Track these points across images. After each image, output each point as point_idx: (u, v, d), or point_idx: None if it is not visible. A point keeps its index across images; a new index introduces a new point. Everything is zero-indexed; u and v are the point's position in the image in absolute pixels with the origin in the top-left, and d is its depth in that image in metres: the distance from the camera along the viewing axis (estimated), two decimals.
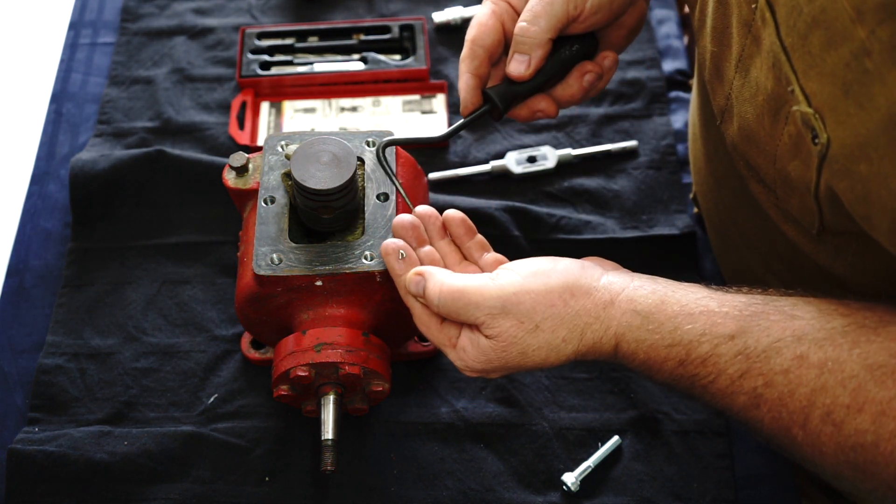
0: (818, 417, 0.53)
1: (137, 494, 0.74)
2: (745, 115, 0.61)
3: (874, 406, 0.51)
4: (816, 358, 0.53)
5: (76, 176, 0.89)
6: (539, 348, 0.62)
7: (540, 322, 0.61)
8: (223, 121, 0.97)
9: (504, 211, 0.88)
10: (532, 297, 0.61)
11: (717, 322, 0.58)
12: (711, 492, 0.74)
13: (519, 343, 0.62)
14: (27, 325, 0.85)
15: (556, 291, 0.62)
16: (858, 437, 0.52)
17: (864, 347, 0.52)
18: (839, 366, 0.53)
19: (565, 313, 0.61)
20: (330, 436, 0.70)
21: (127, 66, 1.03)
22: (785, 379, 0.54)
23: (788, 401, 0.54)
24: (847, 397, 0.52)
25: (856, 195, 0.52)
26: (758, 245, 0.74)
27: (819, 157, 0.53)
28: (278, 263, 0.67)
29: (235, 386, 0.80)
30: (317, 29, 1.03)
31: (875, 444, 0.51)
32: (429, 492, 0.75)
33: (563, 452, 0.76)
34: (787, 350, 0.55)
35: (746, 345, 0.56)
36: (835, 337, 0.54)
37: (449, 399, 0.79)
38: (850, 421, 0.52)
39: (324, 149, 0.68)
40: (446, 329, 0.65)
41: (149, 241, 0.89)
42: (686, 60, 1.04)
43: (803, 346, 0.54)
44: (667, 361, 0.59)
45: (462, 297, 0.61)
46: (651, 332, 0.60)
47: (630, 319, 0.61)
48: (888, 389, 0.51)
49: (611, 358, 0.63)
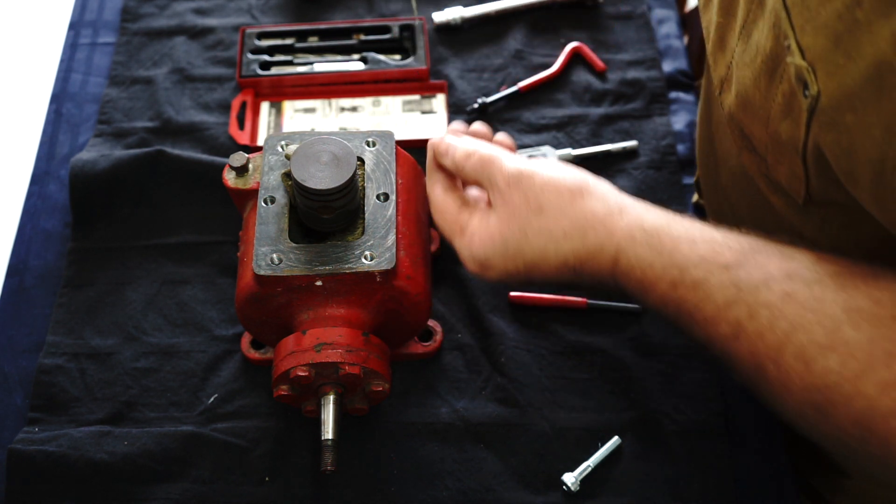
0: (791, 354, 0.54)
1: (137, 494, 0.74)
2: (744, 80, 0.63)
3: (844, 347, 0.52)
4: (802, 296, 0.54)
5: (76, 176, 0.89)
6: (539, 233, 0.63)
7: (545, 205, 0.63)
8: (223, 121, 0.98)
9: None
10: (543, 181, 0.64)
11: (717, 251, 0.59)
12: (711, 492, 0.74)
13: (521, 218, 0.64)
14: (27, 325, 0.85)
15: (566, 185, 0.64)
16: (825, 376, 0.52)
17: (849, 292, 0.53)
18: (822, 305, 0.53)
19: (571, 209, 0.63)
20: (330, 436, 0.70)
21: (127, 66, 1.03)
22: (768, 312, 0.55)
23: (767, 334, 0.55)
24: (822, 336, 0.53)
25: (841, 148, 0.53)
26: (748, 223, 0.75)
27: (808, 112, 0.54)
28: (278, 263, 0.67)
29: (235, 386, 0.80)
30: (317, 29, 1.03)
31: (838, 384, 0.52)
32: (429, 492, 0.75)
33: (563, 452, 0.76)
34: (776, 286, 0.56)
35: (739, 276, 0.57)
36: (824, 279, 0.54)
37: (449, 399, 0.79)
38: (819, 360, 0.53)
39: (324, 149, 0.68)
40: (463, 214, 0.68)
41: (149, 241, 0.89)
42: (686, 60, 1.04)
43: (793, 284, 0.55)
44: (660, 282, 0.60)
45: (490, 161, 0.66)
46: (651, 249, 0.61)
47: (635, 233, 0.62)
48: (862, 332, 0.51)
49: (608, 275, 0.63)
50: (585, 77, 1.00)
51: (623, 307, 0.83)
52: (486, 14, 1.05)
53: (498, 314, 0.83)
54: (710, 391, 0.79)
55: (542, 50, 1.03)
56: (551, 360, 0.81)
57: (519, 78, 1.00)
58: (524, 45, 1.03)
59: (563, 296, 0.83)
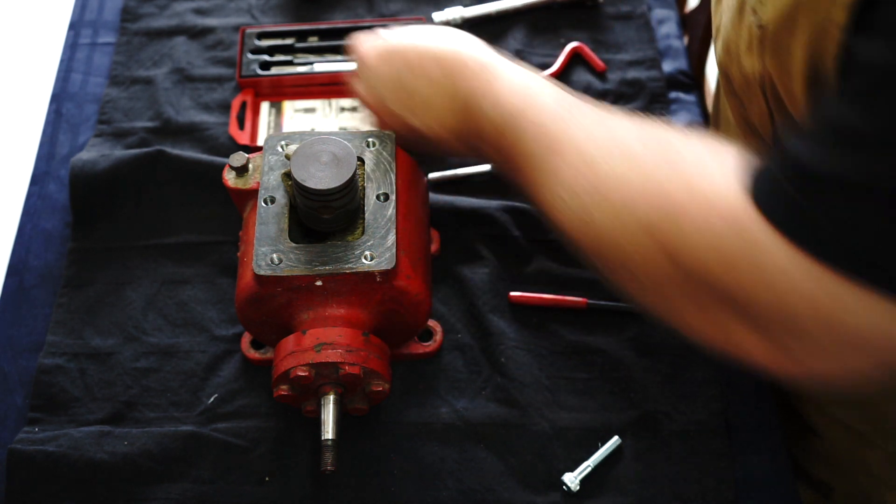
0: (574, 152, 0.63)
1: (137, 494, 0.74)
2: (725, 23, 0.71)
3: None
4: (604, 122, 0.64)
5: (76, 176, 0.89)
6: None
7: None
8: (223, 121, 0.98)
9: (504, 211, 0.88)
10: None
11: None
12: (711, 492, 0.74)
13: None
14: (27, 325, 0.85)
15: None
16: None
17: (644, 125, 0.63)
18: (613, 123, 0.64)
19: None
20: (330, 436, 0.70)
21: (127, 66, 1.03)
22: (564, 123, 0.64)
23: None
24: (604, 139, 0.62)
25: (783, 70, 0.60)
26: None
27: (760, 41, 0.62)
28: (278, 263, 0.67)
29: (235, 386, 0.80)
30: (317, 29, 1.03)
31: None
32: (429, 492, 0.75)
33: (563, 452, 0.76)
34: (585, 114, 0.65)
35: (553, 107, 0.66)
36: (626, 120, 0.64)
37: (449, 399, 0.79)
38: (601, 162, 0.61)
39: (324, 149, 0.68)
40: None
41: (149, 241, 0.89)
42: (686, 60, 1.04)
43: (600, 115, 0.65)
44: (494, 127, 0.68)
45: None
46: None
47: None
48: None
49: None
50: (585, 77, 1.00)
51: (623, 307, 0.83)
52: (486, 14, 1.05)
53: (498, 314, 0.83)
54: (710, 391, 0.79)
55: (542, 50, 1.03)
56: (551, 360, 0.81)
57: None
58: (524, 45, 1.03)
59: (563, 296, 0.83)
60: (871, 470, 0.82)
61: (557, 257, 0.86)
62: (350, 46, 0.81)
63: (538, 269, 0.85)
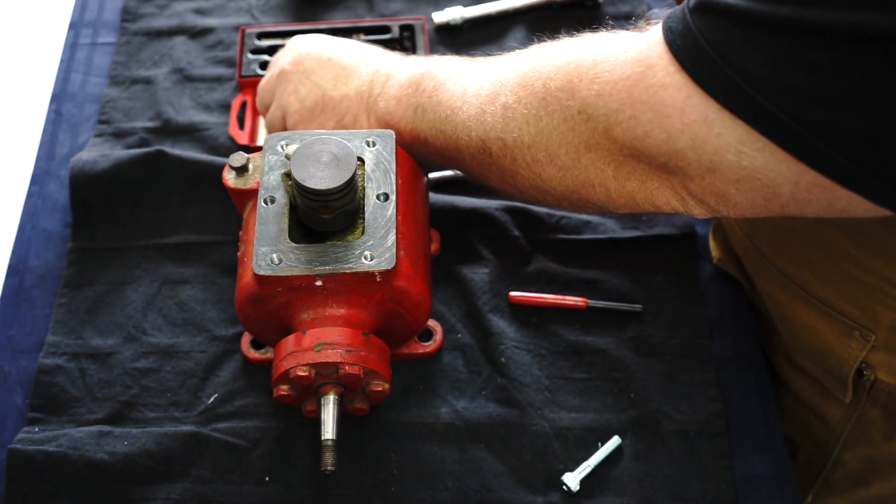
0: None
1: (137, 494, 0.74)
2: None
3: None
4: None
5: (76, 176, 0.89)
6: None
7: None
8: (223, 121, 0.98)
9: (504, 211, 0.88)
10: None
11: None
12: (711, 492, 0.74)
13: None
14: (27, 325, 0.85)
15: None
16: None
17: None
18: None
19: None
20: (330, 436, 0.70)
21: (127, 66, 1.03)
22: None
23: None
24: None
25: None
26: None
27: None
28: (278, 263, 0.67)
29: (235, 386, 0.80)
30: (317, 29, 1.03)
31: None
32: (429, 492, 0.75)
33: (563, 452, 0.76)
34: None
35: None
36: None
37: (449, 399, 0.79)
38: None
39: (324, 149, 0.68)
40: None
41: (149, 241, 0.89)
42: None
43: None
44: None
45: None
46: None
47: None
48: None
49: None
50: None
51: (623, 307, 0.83)
52: (486, 14, 1.05)
53: (498, 314, 0.83)
54: (710, 391, 0.79)
55: None
56: (551, 360, 0.81)
57: None
58: (524, 45, 1.02)
59: (563, 296, 0.83)
60: (829, 423, 0.83)
61: (557, 257, 0.86)
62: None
63: (538, 269, 0.85)
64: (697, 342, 0.82)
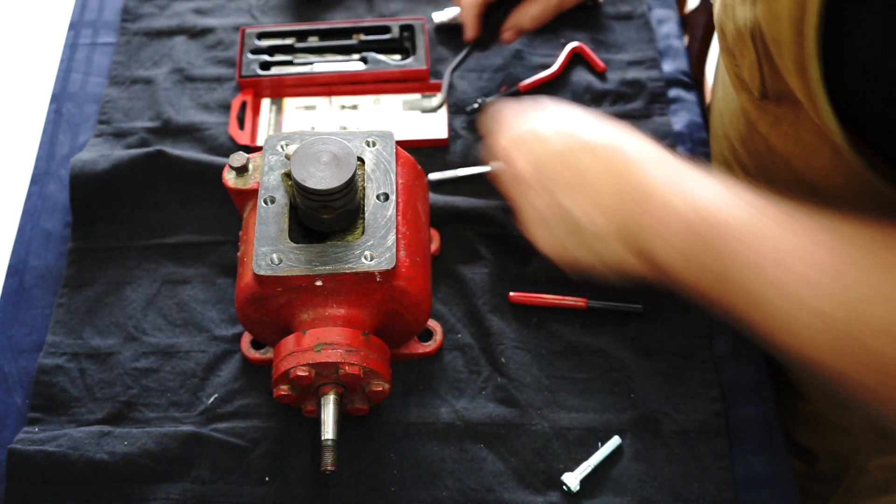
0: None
1: (137, 494, 0.74)
2: None
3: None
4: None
5: (76, 176, 0.89)
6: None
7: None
8: (223, 121, 0.98)
9: (504, 211, 0.88)
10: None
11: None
12: (711, 492, 0.74)
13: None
14: (27, 325, 0.85)
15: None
16: None
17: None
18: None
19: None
20: (330, 436, 0.70)
21: (127, 66, 1.03)
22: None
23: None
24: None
25: (772, 15, 0.60)
26: (728, 129, 0.84)
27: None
28: (278, 263, 0.67)
29: (235, 386, 0.80)
30: (317, 29, 1.03)
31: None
32: (429, 492, 0.75)
33: (563, 452, 0.76)
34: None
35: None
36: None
37: (449, 399, 0.79)
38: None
39: (324, 149, 0.68)
40: None
41: (149, 241, 0.89)
42: (686, 60, 1.04)
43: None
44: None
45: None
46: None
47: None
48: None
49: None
50: (585, 77, 1.00)
51: (623, 307, 0.83)
52: None
53: (498, 314, 0.83)
54: (710, 391, 0.79)
55: (542, 50, 1.03)
56: (551, 360, 0.81)
57: (519, 78, 1.00)
58: (524, 45, 1.03)
59: (563, 296, 0.83)
60: (851, 432, 0.83)
61: None
62: (487, 138, 0.72)
63: (538, 269, 0.85)
64: (697, 342, 0.82)
